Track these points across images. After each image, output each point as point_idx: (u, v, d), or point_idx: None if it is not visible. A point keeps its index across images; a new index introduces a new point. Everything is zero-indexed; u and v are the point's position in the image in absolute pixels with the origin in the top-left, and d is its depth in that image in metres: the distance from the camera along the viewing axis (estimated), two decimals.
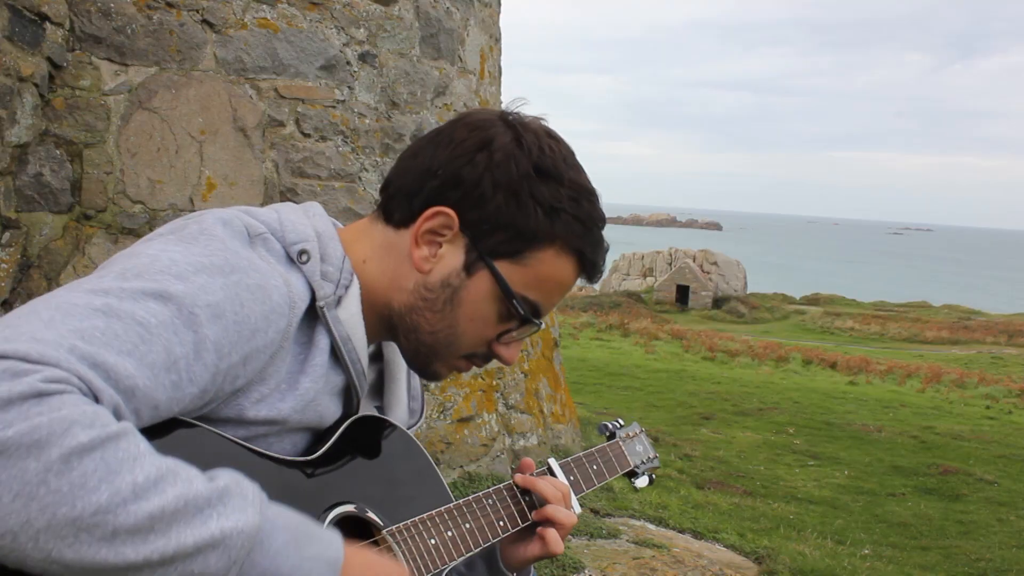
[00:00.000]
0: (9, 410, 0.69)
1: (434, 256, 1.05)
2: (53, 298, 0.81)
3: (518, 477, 1.28)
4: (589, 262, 1.08)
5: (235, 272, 0.91)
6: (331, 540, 0.88)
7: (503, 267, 1.04)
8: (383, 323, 1.10)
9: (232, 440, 0.94)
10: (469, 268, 1.04)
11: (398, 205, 1.07)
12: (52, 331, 0.76)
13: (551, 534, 1.23)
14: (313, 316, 1.00)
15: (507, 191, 1.02)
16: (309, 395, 0.99)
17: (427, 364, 1.11)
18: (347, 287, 1.04)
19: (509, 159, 1.02)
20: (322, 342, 1.01)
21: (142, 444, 0.76)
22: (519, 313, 1.06)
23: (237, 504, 0.78)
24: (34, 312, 0.79)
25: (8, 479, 0.68)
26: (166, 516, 0.73)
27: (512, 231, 1.03)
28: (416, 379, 1.28)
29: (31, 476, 0.69)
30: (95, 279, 0.85)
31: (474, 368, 1.16)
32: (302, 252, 1.00)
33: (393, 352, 1.22)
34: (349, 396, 1.08)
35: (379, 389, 1.22)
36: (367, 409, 1.17)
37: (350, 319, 1.03)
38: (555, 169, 1.04)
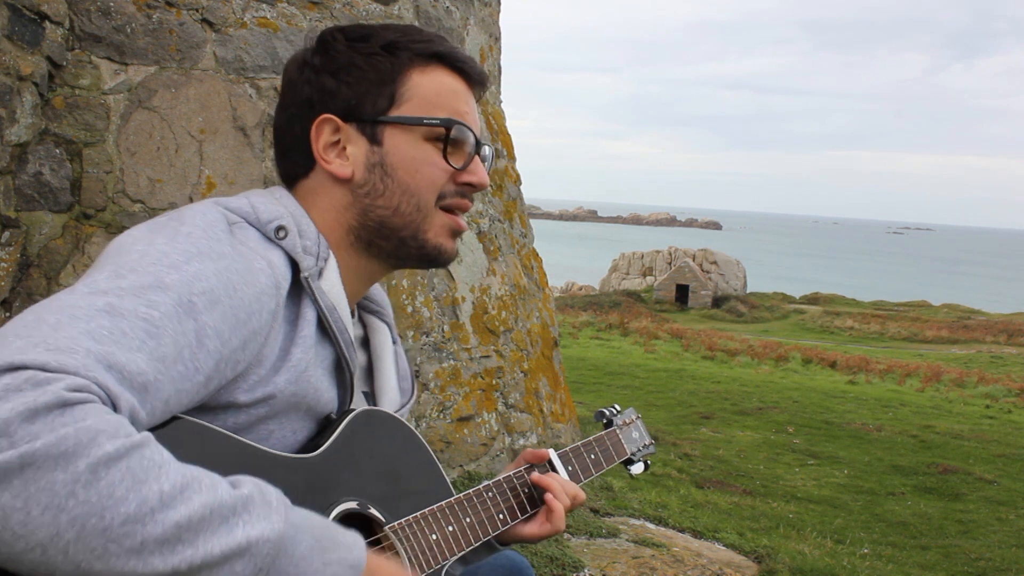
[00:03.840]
0: (35, 421, 0.68)
1: (346, 157, 1.09)
2: (54, 303, 0.81)
3: (535, 476, 1.30)
4: (450, 56, 1.12)
5: (222, 258, 0.92)
6: (353, 544, 0.87)
7: (396, 114, 1.09)
8: (357, 255, 1.13)
9: (235, 438, 0.94)
10: (374, 138, 1.09)
11: (293, 162, 1.13)
12: (63, 337, 0.76)
13: (557, 508, 1.27)
14: (296, 293, 1.02)
15: (346, 68, 1.09)
16: (301, 366, 1.00)
17: (422, 244, 1.13)
18: (326, 259, 1.07)
19: (326, 50, 1.11)
20: (308, 314, 1.02)
21: (164, 452, 0.76)
22: (443, 128, 1.10)
23: (262, 512, 0.78)
24: (39, 319, 0.78)
25: (36, 491, 0.67)
26: (193, 525, 0.73)
27: (377, 86, 1.09)
28: (404, 360, 1.30)
29: (59, 488, 0.68)
30: (90, 280, 0.86)
31: (468, 225, 1.20)
32: (279, 228, 1.02)
33: (380, 336, 1.25)
34: (342, 372, 1.08)
35: (369, 374, 1.24)
36: (359, 392, 1.18)
37: (332, 289, 1.05)
38: (359, 28, 1.13)
